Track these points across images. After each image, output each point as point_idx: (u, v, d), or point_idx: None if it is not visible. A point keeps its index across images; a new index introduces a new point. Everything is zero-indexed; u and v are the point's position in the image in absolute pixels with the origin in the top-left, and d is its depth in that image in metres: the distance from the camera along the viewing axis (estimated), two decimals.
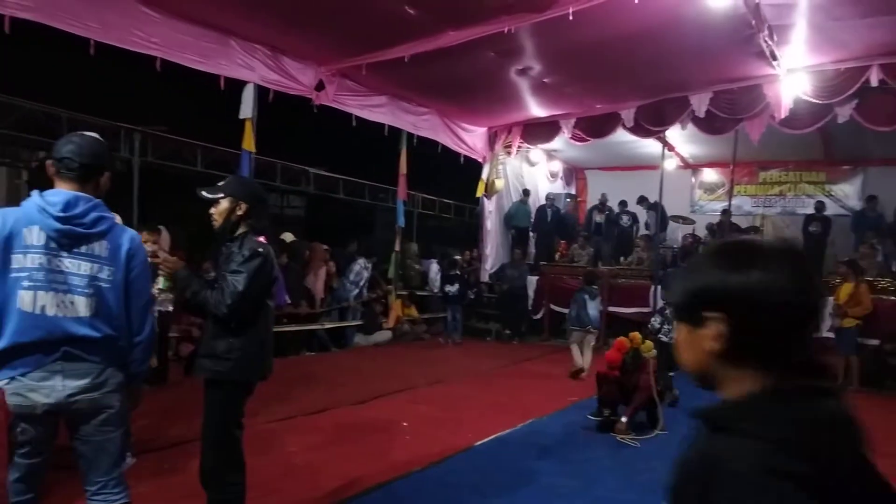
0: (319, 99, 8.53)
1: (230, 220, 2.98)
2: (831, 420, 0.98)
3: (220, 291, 2.87)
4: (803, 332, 1.05)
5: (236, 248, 2.94)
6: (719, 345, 1.04)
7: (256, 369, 3.03)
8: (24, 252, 2.25)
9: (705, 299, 1.06)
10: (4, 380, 2.24)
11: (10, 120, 8.02)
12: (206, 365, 2.96)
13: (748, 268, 1.03)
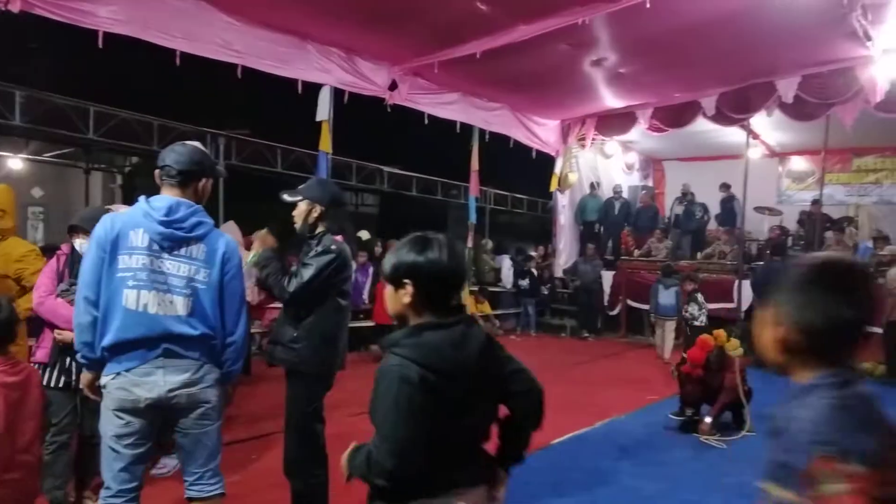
0: (393, 98, 8.64)
1: (307, 222, 3.12)
2: (460, 340, 1.68)
3: (288, 278, 3.04)
4: (455, 291, 1.78)
5: (314, 245, 3.09)
6: (410, 299, 1.71)
7: (320, 360, 3.12)
8: (129, 253, 2.40)
9: (403, 271, 1.72)
10: (111, 375, 2.39)
11: (107, 128, 8.54)
12: (275, 352, 3.15)
13: (424, 251, 1.72)
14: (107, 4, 5.80)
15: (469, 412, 1.72)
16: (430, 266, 1.71)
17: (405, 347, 1.66)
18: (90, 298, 2.38)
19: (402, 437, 1.65)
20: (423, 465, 1.67)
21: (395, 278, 1.74)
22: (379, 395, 1.69)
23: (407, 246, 1.75)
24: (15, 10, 5.30)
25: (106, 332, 2.37)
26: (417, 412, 1.61)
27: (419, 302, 1.71)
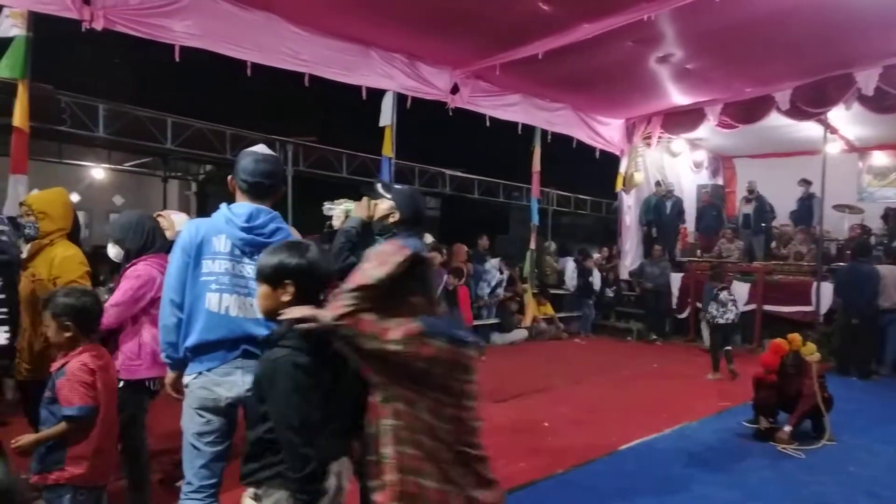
0: (454, 102, 8.71)
1: (382, 220, 3.15)
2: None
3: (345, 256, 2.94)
4: (324, 288, 2.00)
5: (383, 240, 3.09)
6: (290, 297, 1.93)
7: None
8: (212, 258, 2.52)
9: (286, 273, 1.94)
10: (193, 374, 2.51)
11: (183, 138, 8.93)
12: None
13: (304, 255, 1.96)
14: (182, 20, 6.09)
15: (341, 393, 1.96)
16: (311, 267, 1.96)
17: (293, 339, 1.88)
18: (175, 301, 2.51)
19: (311, 419, 1.82)
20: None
21: (276, 279, 1.96)
22: (277, 386, 1.84)
23: (286, 251, 1.98)
24: (98, 28, 5.64)
25: (189, 334, 2.49)
26: (314, 394, 1.84)
27: (297, 300, 1.93)
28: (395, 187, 3.26)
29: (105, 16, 5.62)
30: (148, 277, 3.29)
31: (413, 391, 1.79)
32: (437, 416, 1.80)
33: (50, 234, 3.49)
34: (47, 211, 3.50)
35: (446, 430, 1.80)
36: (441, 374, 1.78)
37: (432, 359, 1.75)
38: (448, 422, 1.80)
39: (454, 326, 1.99)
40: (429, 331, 1.78)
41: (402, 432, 1.78)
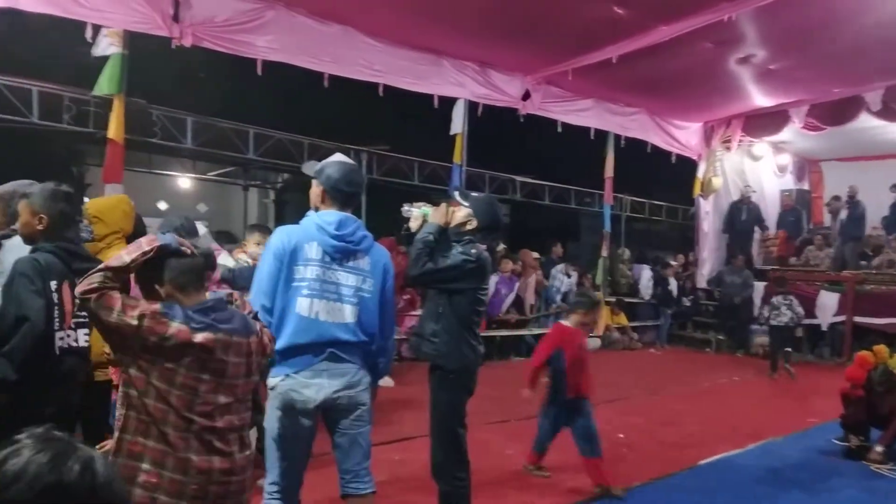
0: (526, 108, 8.68)
1: (459, 227, 3.20)
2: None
3: (423, 260, 3.09)
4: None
5: (460, 247, 3.15)
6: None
7: (458, 358, 3.17)
8: (304, 264, 2.60)
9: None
10: (280, 376, 2.59)
11: (263, 148, 9.31)
12: (415, 343, 3.29)
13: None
14: (264, 35, 6.34)
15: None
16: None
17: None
18: (266, 306, 2.58)
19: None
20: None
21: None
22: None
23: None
24: (187, 45, 5.95)
25: (279, 337, 2.57)
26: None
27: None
28: (473, 195, 3.32)
29: (193, 33, 5.92)
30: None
31: (147, 360, 1.92)
32: (170, 383, 1.91)
33: (105, 238, 3.60)
34: (101, 215, 3.61)
35: (177, 397, 1.92)
36: (194, 351, 1.93)
37: (171, 337, 1.91)
38: (180, 389, 1.92)
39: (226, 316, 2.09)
40: (167, 312, 1.94)
41: (133, 397, 1.94)
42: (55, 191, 2.71)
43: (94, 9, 5.37)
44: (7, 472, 0.99)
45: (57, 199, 2.68)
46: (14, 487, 0.98)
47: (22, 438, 1.05)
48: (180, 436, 1.93)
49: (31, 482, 0.99)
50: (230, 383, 2.03)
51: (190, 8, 5.84)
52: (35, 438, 1.05)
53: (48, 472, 1.00)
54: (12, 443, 1.05)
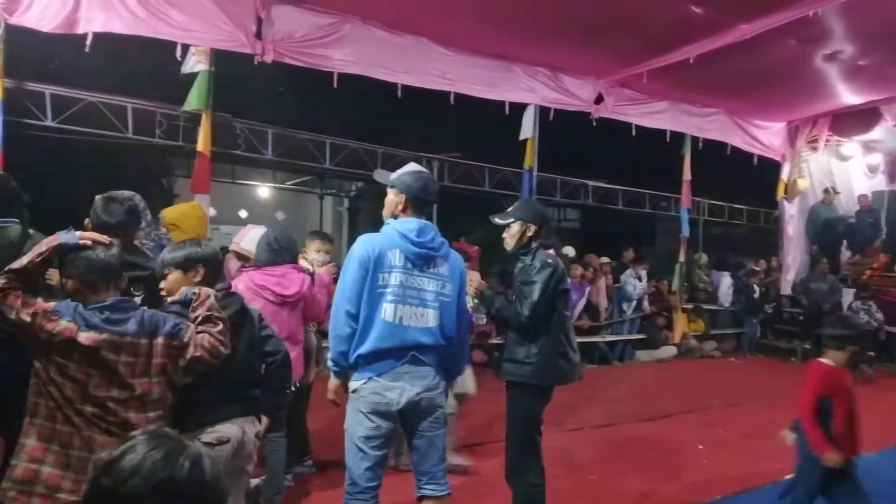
0: (598, 112, 8.56)
1: (521, 241, 3.26)
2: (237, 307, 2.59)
3: (518, 303, 3.15)
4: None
5: (529, 261, 3.21)
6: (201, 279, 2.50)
7: (551, 373, 3.23)
8: (388, 271, 2.69)
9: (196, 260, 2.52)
10: (362, 380, 2.68)
11: (339, 158, 9.59)
12: (509, 369, 3.26)
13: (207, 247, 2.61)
14: (341, 48, 6.53)
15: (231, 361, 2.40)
16: (215, 256, 2.60)
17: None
18: (351, 312, 2.68)
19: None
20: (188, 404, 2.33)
21: (188, 265, 2.51)
22: None
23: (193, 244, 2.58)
24: (268, 61, 6.20)
25: (364, 342, 2.66)
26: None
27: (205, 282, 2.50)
28: (508, 210, 3.38)
29: (274, 49, 6.17)
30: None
31: (43, 354, 2.11)
32: (63, 375, 2.10)
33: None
34: (177, 222, 3.82)
35: (70, 388, 2.10)
36: (80, 348, 2.09)
37: (58, 334, 2.08)
38: (72, 382, 2.10)
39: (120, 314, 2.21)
40: (56, 310, 2.10)
41: (37, 385, 2.15)
42: (103, 199, 2.89)
43: (184, 29, 5.68)
44: (124, 467, 1.06)
45: (111, 206, 2.85)
46: (131, 482, 1.05)
47: (136, 435, 1.13)
48: (83, 420, 2.11)
49: (146, 477, 1.06)
50: (124, 381, 2.15)
51: (271, 25, 6.09)
52: (148, 435, 1.13)
53: (162, 469, 1.07)
54: (127, 439, 1.13)
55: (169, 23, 5.55)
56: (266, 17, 6.06)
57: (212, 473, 1.13)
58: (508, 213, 3.39)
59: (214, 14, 5.73)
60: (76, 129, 7.87)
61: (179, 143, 8.36)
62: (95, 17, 5.26)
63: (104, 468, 1.08)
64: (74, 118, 7.77)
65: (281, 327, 3.60)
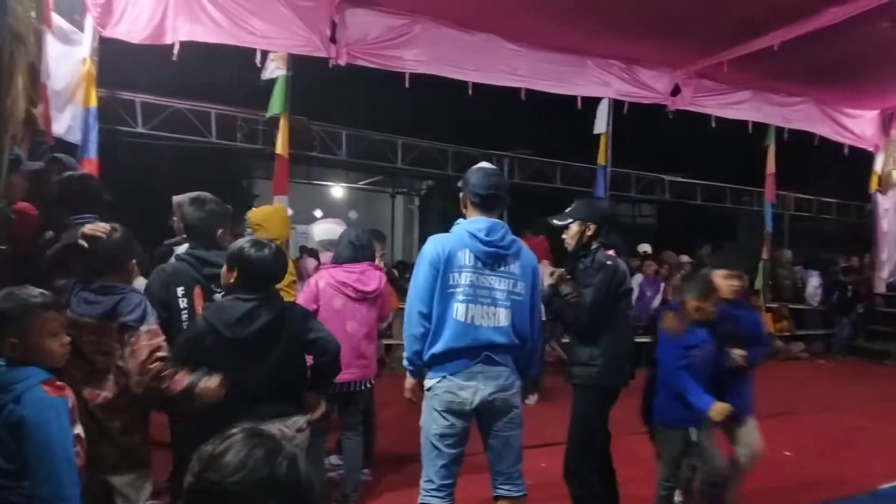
0: (675, 104, 8.29)
1: (581, 241, 3.21)
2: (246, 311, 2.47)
3: (578, 307, 3.13)
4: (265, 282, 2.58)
5: (589, 262, 3.15)
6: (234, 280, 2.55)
7: (619, 375, 3.21)
8: (458, 271, 2.70)
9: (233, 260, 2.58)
10: (437, 378, 2.71)
11: (410, 157, 9.71)
12: (574, 372, 3.24)
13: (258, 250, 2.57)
14: (411, 48, 6.60)
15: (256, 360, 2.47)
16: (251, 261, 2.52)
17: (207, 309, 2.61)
18: (423, 312, 2.71)
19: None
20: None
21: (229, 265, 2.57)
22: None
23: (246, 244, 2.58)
24: (342, 63, 6.34)
25: (437, 341, 2.69)
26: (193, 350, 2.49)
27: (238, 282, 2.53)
28: (566, 210, 3.32)
29: (348, 52, 6.30)
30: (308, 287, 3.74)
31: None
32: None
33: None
34: (262, 223, 3.94)
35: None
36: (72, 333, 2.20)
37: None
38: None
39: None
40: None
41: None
42: (191, 199, 3.03)
43: (263, 36, 5.88)
44: (228, 463, 1.11)
45: (190, 206, 3.00)
46: (235, 477, 1.09)
47: (235, 433, 1.18)
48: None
49: (248, 474, 1.10)
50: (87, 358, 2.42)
51: (345, 29, 6.22)
52: (247, 434, 1.17)
53: (263, 466, 1.11)
54: (226, 437, 1.18)
55: (249, 30, 5.77)
56: (340, 20, 6.20)
57: (306, 474, 1.17)
58: (567, 213, 3.34)
59: (291, 20, 5.91)
60: (164, 135, 8.31)
61: (259, 146, 8.68)
62: (181, 27, 5.52)
63: (209, 462, 1.13)
64: (162, 124, 8.22)
65: (361, 323, 3.71)
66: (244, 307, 2.46)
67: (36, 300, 1.94)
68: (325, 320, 3.47)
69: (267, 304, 2.52)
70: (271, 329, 2.48)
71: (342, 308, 3.66)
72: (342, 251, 3.81)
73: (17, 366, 1.89)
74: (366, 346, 3.76)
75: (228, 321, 2.44)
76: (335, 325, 3.54)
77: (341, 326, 3.59)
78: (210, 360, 2.45)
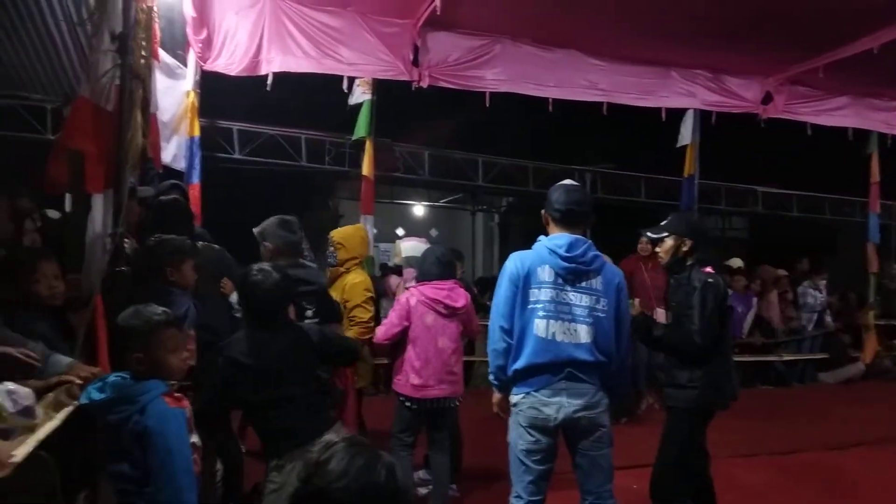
0: (767, 112, 7.95)
1: (676, 256, 3.13)
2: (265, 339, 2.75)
3: (685, 331, 3.03)
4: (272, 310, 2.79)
5: (685, 280, 3.05)
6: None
7: (719, 397, 3.11)
8: (538, 287, 2.73)
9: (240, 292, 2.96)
10: (521, 394, 2.73)
11: (490, 175, 9.80)
12: (672, 394, 3.15)
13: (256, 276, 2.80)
14: (492, 68, 6.67)
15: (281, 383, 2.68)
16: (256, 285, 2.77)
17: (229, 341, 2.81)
18: (505, 328, 2.74)
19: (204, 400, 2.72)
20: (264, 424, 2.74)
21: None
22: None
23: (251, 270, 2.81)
24: (424, 86, 6.50)
25: (519, 357, 2.71)
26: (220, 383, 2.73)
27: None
28: (662, 223, 3.25)
29: (430, 74, 6.44)
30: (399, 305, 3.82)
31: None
32: None
33: (346, 263, 4.11)
34: (345, 243, 4.11)
35: None
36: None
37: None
38: None
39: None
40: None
41: None
42: (279, 222, 3.25)
43: (349, 63, 6.12)
44: (332, 470, 1.19)
45: (280, 228, 3.21)
46: (339, 483, 1.17)
47: (337, 442, 1.26)
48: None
49: (351, 481, 1.17)
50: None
51: (427, 52, 6.38)
52: (348, 443, 1.25)
53: (364, 474, 1.19)
54: (329, 446, 1.26)
55: (337, 59, 6.02)
56: (422, 44, 6.36)
57: (403, 482, 1.22)
58: (662, 226, 3.28)
59: (376, 47, 6.12)
60: (258, 160, 8.78)
61: (346, 168, 9.02)
62: (274, 58, 5.84)
63: (315, 469, 1.21)
64: (257, 150, 8.69)
65: (450, 339, 3.79)
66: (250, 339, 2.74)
67: (159, 318, 2.10)
68: (418, 337, 3.59)
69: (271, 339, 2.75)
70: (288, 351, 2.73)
71: (433, 324, 3.75)
72: (430, 268, 3.89)
73: (142, 379, 2.05)
74: (455, 362, 3.82)
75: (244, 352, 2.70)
76: (427, 341, 3.64)
77: (433, 342, 3.68)
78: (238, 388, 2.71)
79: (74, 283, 3.01)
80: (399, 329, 3.74)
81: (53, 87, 7.14)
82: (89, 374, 2.44)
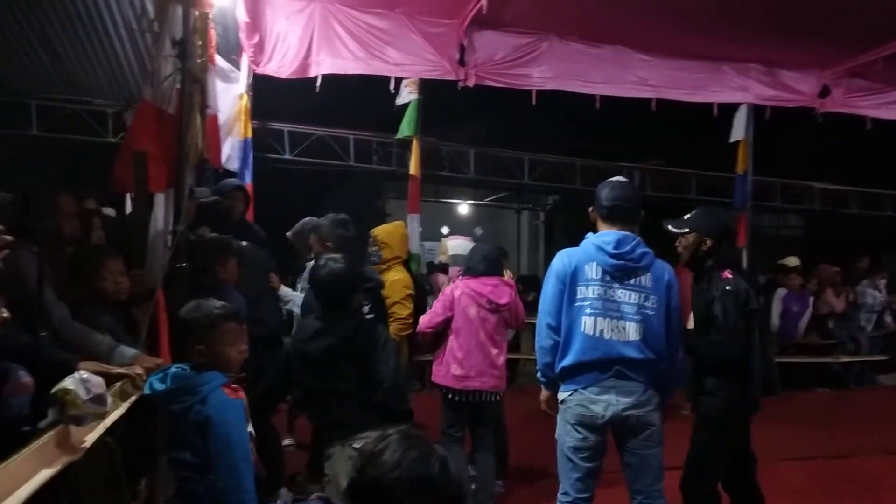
0: (824, 106, 7.69)
1: (696, 255, 3.03)
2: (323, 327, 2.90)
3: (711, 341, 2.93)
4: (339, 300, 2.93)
5: (706, 285, 2.98)
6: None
7: (743, 405, 3.00)
8: (586, 284, 2.72)
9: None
10: (569, 391, 2.74)
11: (537, 173, 9.76)
12: (698, 399, 3.06)
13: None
14: (538, 66, 6.64)
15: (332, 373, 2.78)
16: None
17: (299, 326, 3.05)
18: (552, 325, 2.75)
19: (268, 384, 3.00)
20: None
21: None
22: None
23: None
24: (471, 85, 6.51)
25: (566, 354, 2.72)
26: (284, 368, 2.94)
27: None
28: (685, 217, 3.13)
29: (476, 73, 6.46)
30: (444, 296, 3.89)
31: None
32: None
33: (389, 261, 4.24)
34: (388, 241, 4.23)
35: None
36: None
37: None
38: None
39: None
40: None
41: None
42: (336, 220, 3.43)
43: (396, 63, 6.19)
44: (386, 461, 1.21)
45: (338, 227, 3.39)
46: (393, 473, 1.20)
47: (392, 433, 1.28)
48: None
49: (405, 472, 1.19)
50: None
51: (473, 51, 6.40)
52: (401, 435, 1.27)
53: (418, 466, 1.21)
54: (384, 437, 1.28)
55: (384, 60, 6.09)
56: (468, 44, 6.38)
57: (456, 475, 1.24)
58: (685, 220, 3.13)
59: (423, 47, 6.18)
60: (308, 160, 8.97)
61: (393, 167, 9.13)
62: (324, 61, 5.96)
63: (370, 458, 1.24)
64: (307, 150, 8.88)
65: (492, 333, 3.82)
66: (314, 326, 2.87)
67: (219, 311, 2.20)
68: (460, 328, 3.64)
69: (333, 326, 2.84)
70: (342, 340, 2.81)
71: (476, 317, 3.80)
72: (476, 265, 3.94)
73: (202, 370, 2.15)
74: (496, 356, 3.85)
75: (302, 338, 2.85)
76: (469, 332, 3.70)
77: (475, 335, 3.74)
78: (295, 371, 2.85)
79: (138, 278, 3.16)
80: (442, 318, 3.80)
81: (114, 92, 7.45)
82: (153, 364, 2.57)
